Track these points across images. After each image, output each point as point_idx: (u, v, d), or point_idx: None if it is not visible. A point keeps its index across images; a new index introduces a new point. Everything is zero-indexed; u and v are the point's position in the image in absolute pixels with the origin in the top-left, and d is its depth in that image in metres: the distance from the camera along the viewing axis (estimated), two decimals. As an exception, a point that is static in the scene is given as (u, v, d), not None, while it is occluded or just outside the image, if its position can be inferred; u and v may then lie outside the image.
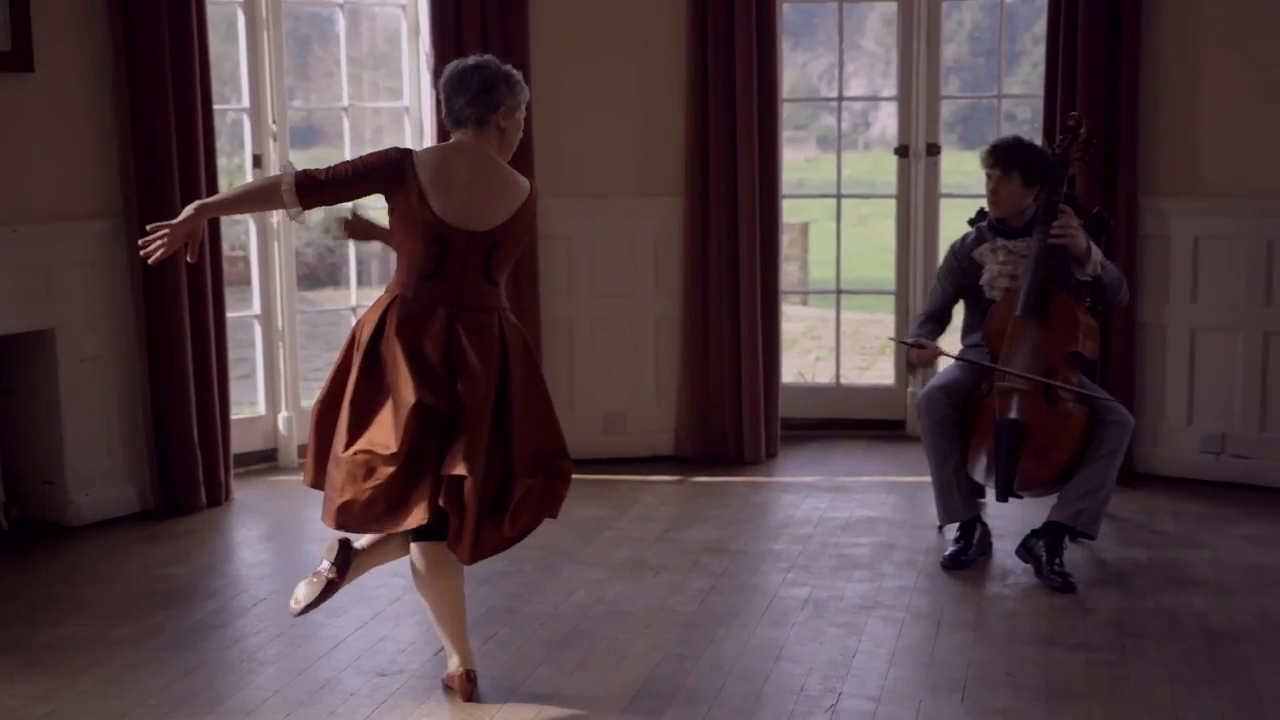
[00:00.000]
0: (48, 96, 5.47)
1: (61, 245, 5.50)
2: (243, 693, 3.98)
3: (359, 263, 7.17)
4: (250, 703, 3.91)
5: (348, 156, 6.59)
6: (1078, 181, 5.72)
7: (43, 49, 5.39)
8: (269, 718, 3.81)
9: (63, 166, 5.55)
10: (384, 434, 3.69)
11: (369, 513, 3.71)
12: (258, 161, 6.20)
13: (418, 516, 3.69)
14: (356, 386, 3.77)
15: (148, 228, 3.82)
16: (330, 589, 3.87)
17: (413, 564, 3.89)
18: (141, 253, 3.81)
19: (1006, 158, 5.04)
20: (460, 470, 3.65)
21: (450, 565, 3.84)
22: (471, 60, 3.88)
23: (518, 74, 3.89)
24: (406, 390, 3.67)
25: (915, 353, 5.26)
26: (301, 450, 6.43)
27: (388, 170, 3.77)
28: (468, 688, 3.89)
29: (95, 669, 4.11)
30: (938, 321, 5.35)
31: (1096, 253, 4.94)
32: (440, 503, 3.68)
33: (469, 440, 3.69)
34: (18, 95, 5.38)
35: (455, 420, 3.72)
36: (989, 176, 5.08)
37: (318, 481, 3.86)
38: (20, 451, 5.57)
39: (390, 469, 3.68)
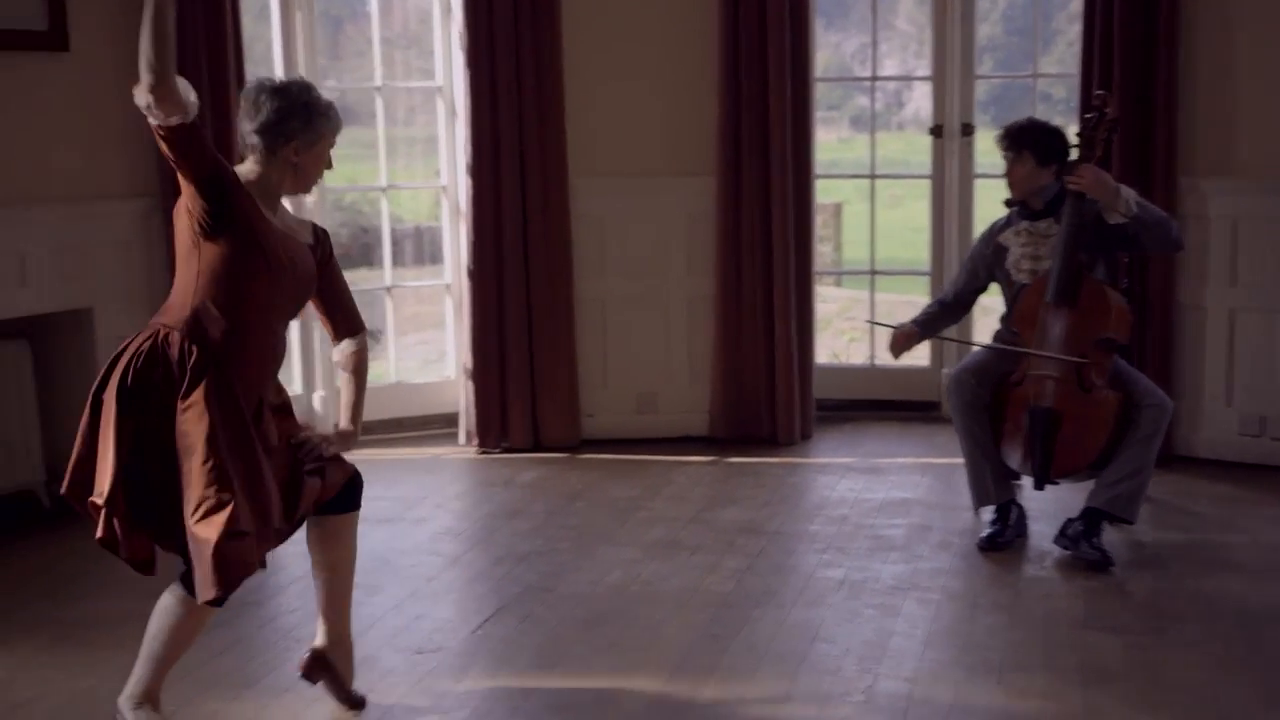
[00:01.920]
0: (83, 76, 5.50)
1: (98, 224, 5.55)
2: (278, 671, 4.00)
3: (394, 243, 7.18)
4: (285, 681, 3.92)
5: (381, 138, 6.68)
6: (1114, 161, 5.68)
7: (78, 28, 5.42)
8: (305, 695, 3.82)
9: (98, 146, 5.58)
10: None
11: None
12: (292, 141, 6.22)
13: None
14: None
15: None
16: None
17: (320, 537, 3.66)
18: None
19: (1016, 139, 5.03)
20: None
21: (334, 537, 3.66)
22: (273, 82, 3.47)
23: (325, 104, 3.47)
24: None
25: (891, 335, 5.23)
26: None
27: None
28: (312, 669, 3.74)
29: (133, 644, 4.07)
30: (947, 307, 5.33)
31: (1128, 191, 4.81)
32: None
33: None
34: (54, 74, 5.41)
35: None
36: (1004, 160, 5.08)
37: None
38: (61, 431, 5.58)
39: None
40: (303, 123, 3.40)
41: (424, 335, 8.95)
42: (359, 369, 3.66)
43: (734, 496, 5.67)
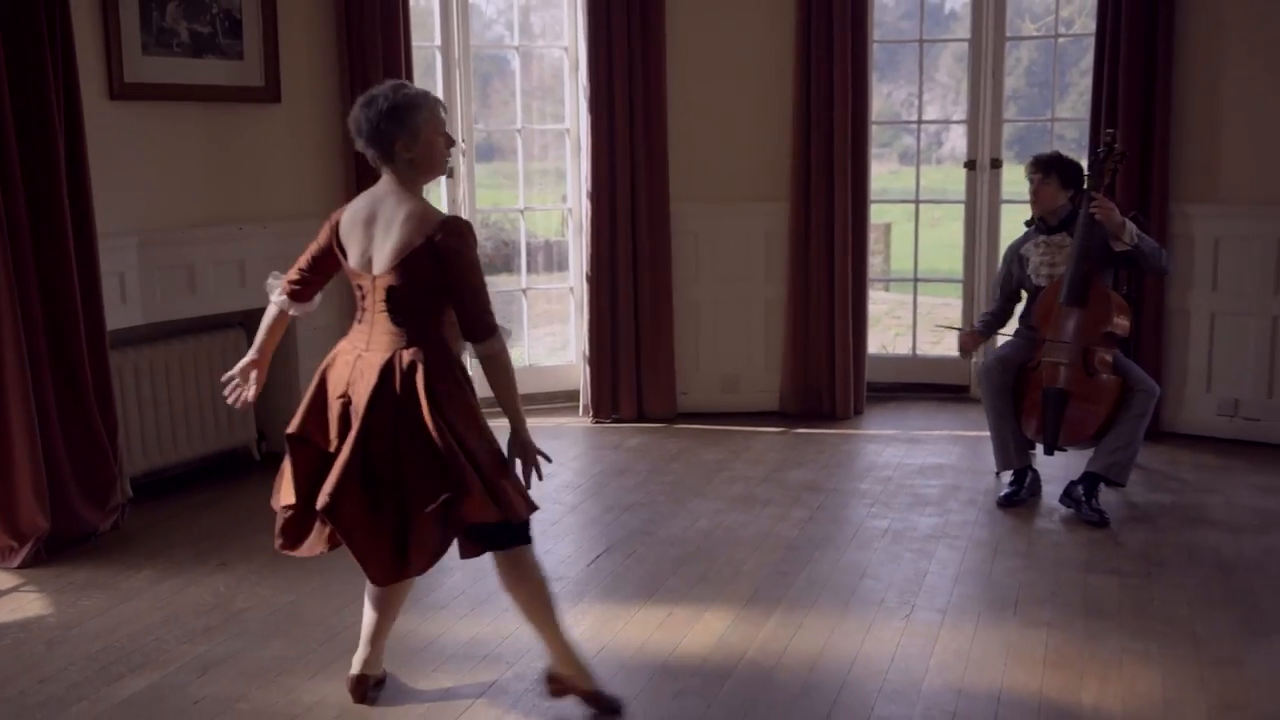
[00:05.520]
0: (291, 123, 5.64)
1: (301, 238, 5.52)
2: (436, 593, 4.08)
3: (528, 254, 7.26)
4: (442, 600, 4.02)
5: (520, 170, 6.75)
6: (1118, 189, 5.58)
7: (288, 84, 5.55)
8: (456, 612, 3.92)
9: (302, 176, 5.72)
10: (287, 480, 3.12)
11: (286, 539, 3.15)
12: (450, 174, 6.32)
13: (311, 547, 3.11)
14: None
15: (222, 380, 3.35)
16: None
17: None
18: (228, 399, 3.28)
19: (1046, 164, 5.01)
20: (320, 503, 2.97)
21: (503, 577, 3.16)
22: (362, 97, 3.05)
23: (408, 96, 3.01)
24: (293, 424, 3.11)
25: (960, 337, 5.25)
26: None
27: (326, 242, 3.20)
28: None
29: (326, 570, 4.22)
30: (995, 316, 5.30)
31: (1130, 225, 4.78)
32: (328, 538, 3.06)
33: (333, 473, 2.98)
34: (269, 122, 5.55)
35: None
36: (1031, 181, 5.05)
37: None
38: (269, 398, 5.71)
39: (290, 509, 3.11)
40: (395, 122, 2.98)
41: (551, 328, 9.03)
42: (486, 373, 3.13)
43: (800, 460, 5.67)
